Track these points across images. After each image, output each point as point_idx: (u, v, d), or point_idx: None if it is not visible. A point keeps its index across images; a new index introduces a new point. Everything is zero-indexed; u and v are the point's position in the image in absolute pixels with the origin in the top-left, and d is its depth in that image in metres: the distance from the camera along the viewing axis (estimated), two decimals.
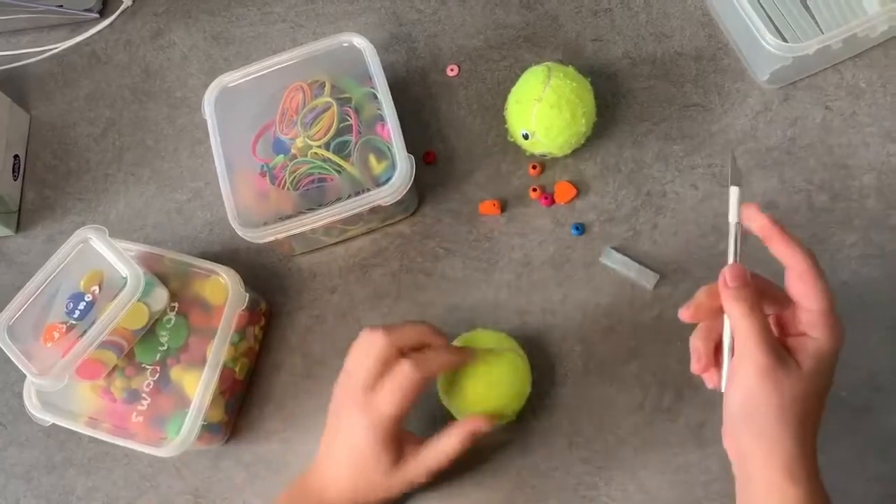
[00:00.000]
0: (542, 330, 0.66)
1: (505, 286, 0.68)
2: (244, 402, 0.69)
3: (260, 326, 0.69)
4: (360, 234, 0.72)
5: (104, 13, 0.86)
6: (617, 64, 0.73)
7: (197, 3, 0.84)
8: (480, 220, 0.70)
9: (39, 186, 0.80)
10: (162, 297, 0.64)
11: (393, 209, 0.68)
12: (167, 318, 0.64)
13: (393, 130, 0.64)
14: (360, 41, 0.69)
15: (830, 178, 0.67)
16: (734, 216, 0.48)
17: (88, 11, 0.85)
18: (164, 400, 0.62)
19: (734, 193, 0.49)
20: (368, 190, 0.64)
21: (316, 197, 0.65)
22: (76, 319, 0.60)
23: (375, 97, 0.67)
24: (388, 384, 0.55)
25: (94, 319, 0.59)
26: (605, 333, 0.65)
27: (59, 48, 0.85)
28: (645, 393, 0.63)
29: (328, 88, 0.68)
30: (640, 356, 0.64)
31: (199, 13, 0.84)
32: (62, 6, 0.83)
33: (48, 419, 0.62)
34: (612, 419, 0.63)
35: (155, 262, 0.65)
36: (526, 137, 0.67)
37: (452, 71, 0.76)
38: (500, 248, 0.69)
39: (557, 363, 0.65)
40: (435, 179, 0.72)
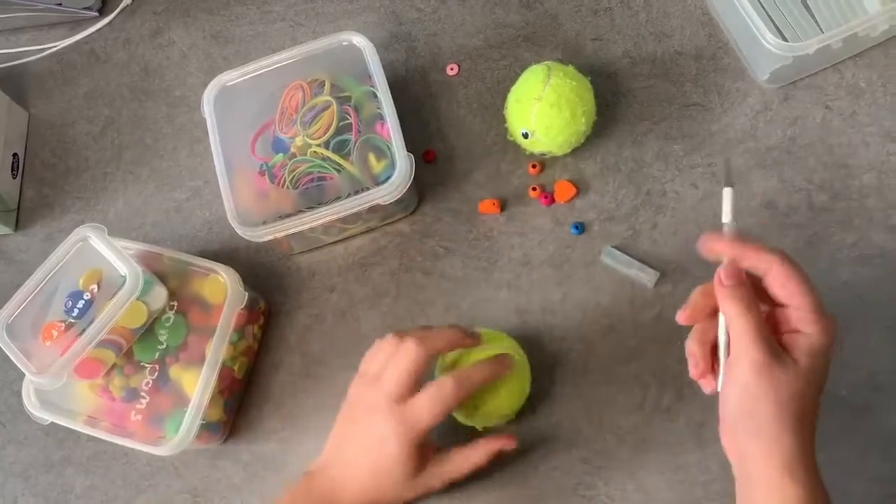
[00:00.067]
0: (541, 329, 0.66)
1: (504, 285, 0.68)
2: (243, 401, 0.69)
3: (259, 325, 0.69)
4: (359, 232, 0.72)
5: (103, 12, 0.86)
6: (617, 63, 0.73)
7: (196, 1, 0.84)
8: (480, 219, 0.70)
9: (38, 185, 0.80)
10: (161, 295, 0.64)
11: (392, 208, 0.68)
12: (166, 316, 0.64)
13: (392, 129, 0.64)
14: (359, 40, 0.69)
15: (830, 177, 0.66)
16: (728, 217, 0.49)
17: (88, 10, 0.85)
18: (162, 399, 0.62)
19: (727, 194, 0.50)
20: (368, 189, 0.64)
21: (315, 196, 0.65)
22: (75, 318, 0.60)
23: (375, 96, 0.66)
24: (426, 398, 0.55)
25: (92, 318, 0.59)
26: (604, 333, 0.65)
27: (58, 46, 0.85)
28: (645, 393, 0.63)
29: (328, 87, 0.68)
30: (640, 356, 0.64)
31: (198, 12, 0.84)
32: (61, 4, 0.83)
33: (47, 418, 0.62)
34: (611, 419, 0.63)
35: (154, 260, 0.65)
36: (526, 136, 0.67)
37: (452, 70, 0.76)
38: (499, 247, 0.69)
39: (557, 363, 0.65)
40: (434, 178, 0.72)
